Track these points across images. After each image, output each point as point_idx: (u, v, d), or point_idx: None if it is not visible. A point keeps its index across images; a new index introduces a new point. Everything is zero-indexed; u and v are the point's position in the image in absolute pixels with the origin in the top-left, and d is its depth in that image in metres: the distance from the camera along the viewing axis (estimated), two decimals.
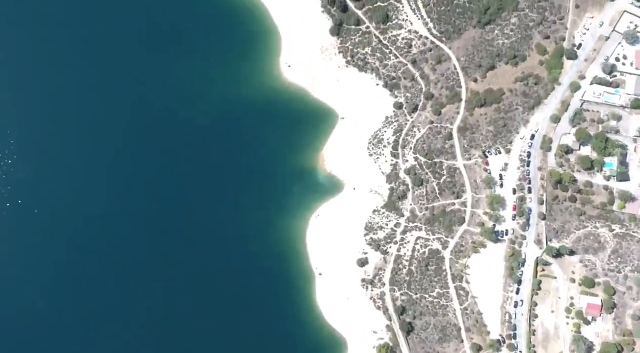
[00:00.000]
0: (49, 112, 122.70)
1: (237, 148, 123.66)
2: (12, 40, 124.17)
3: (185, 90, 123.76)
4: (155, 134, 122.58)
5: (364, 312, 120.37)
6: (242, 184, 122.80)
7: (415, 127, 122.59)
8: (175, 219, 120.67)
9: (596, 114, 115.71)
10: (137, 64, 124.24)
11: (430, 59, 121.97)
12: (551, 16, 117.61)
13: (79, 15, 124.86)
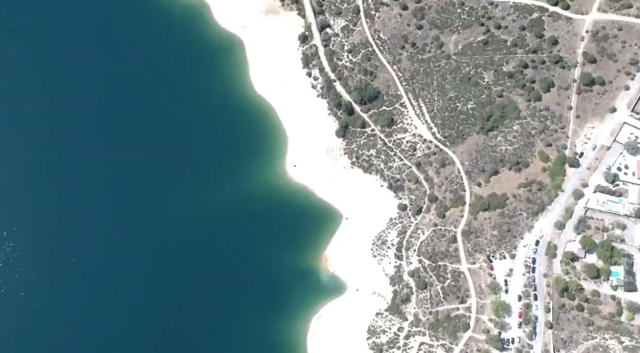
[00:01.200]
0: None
1: (238, 246, 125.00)
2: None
3: (188, 184, 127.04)
4: (155, 228, 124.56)
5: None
6: (242, 283, 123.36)
7: (419, 229, 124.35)
8: (170, 324, 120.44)
9: (600, 222, 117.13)
10: (147, 158, 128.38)
11: (434, 162, 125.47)
12: (552, 125, 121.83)
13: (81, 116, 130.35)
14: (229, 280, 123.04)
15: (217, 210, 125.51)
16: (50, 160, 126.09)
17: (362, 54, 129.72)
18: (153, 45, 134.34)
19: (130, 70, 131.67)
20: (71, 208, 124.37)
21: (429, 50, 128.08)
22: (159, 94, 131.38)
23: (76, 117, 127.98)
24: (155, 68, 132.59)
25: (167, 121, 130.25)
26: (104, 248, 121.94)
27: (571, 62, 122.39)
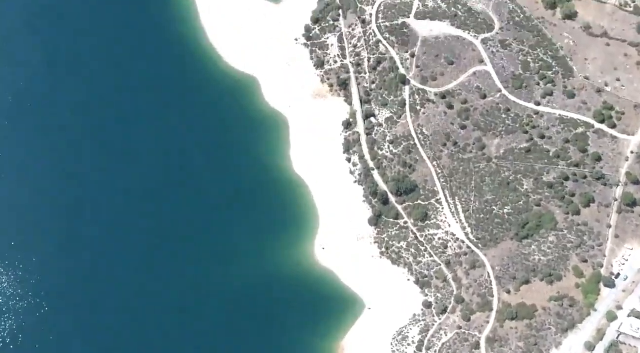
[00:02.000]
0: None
1: (255, 321, 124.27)
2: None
3: (217, 253, 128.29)
4: (177, 294, 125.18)
5: None
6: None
7: (442, 330, 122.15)
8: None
9: (633, 349, 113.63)
10: (180, 224, 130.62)
11: (465, 263, 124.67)
12: (589, 241, 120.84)
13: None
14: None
15: (240, 282, 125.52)
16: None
17: (404, 146, 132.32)
18: (200, 111, 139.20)
19: (175, 134, 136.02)
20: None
21: (471, 150, 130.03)
22: (198, 159, 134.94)
23: (120, 180, 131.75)
24: (198, 133, 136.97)
25: (201, 187, 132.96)
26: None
27: (613, 180, 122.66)
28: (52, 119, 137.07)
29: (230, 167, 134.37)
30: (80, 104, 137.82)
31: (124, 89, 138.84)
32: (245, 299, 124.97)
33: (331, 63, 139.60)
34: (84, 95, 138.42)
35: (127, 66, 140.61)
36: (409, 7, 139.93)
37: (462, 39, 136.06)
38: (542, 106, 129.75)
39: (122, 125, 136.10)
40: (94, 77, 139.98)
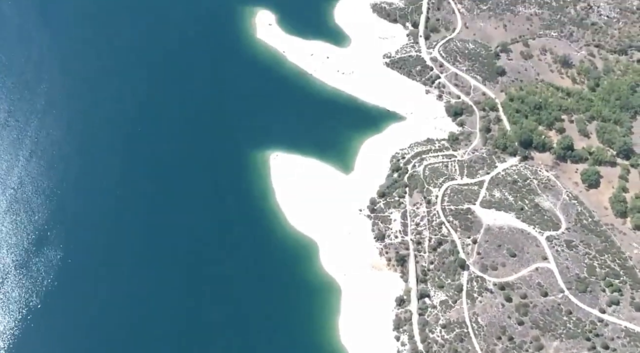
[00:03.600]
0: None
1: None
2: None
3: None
4: None
5: None
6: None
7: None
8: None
9: None
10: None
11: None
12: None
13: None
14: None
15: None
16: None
17: (456, 333, 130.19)
18: (257, 263, 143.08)
19: (227, 283, 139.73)
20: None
21: (527, 349, 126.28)
22: (244, 310, 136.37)
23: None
24: (250, 282, 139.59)
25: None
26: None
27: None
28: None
29: (278, 328, 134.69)
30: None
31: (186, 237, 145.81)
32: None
33: (392, 237, 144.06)
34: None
35: (195, 221, 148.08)
36: (475, 195, 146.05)
37: (526, 233, 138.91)
38: (607, 314, 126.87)
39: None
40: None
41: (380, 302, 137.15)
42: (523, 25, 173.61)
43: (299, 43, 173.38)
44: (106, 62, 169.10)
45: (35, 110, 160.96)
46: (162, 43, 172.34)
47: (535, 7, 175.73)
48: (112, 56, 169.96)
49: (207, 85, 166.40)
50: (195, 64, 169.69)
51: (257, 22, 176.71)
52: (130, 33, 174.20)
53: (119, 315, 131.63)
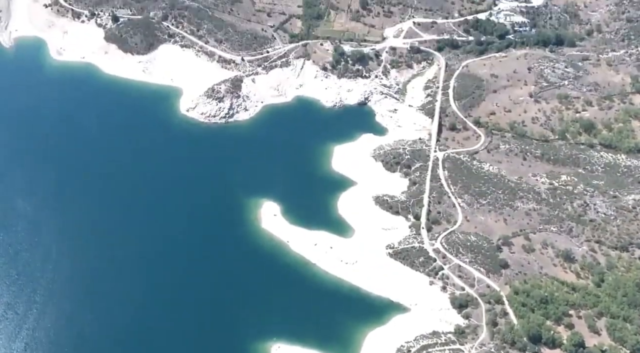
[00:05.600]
0: None
1: None
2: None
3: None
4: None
5: None
6: None
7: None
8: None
9: None
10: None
11: None
12: None
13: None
14: None
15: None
16: None
17: None
18: None
19: None
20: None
21: None
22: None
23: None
24: None
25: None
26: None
27: None
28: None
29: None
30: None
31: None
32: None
33: None
34: None
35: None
36: None
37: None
38: None
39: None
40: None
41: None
42: (523, 220, 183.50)
43: (303, 233, 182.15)
44: (116, 253, 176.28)
45: (35, 302, 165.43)
46: (167, 235, 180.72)
47: (533, 203, 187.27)
48: (122, 248, 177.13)
49: (212, 275, 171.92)
50: (202, 253, 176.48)
51: (263, 213, 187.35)
52: (136, 228, 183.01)
53: None
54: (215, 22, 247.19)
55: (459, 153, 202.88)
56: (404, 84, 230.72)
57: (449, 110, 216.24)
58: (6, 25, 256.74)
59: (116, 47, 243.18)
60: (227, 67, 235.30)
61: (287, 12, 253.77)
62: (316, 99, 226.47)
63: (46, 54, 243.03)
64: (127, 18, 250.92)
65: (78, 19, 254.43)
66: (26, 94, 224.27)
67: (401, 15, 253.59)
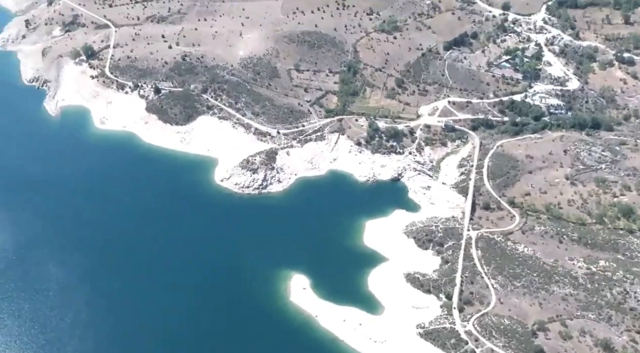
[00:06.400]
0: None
1: None
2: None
3: None
4: None
5: None
6: None
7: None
8: None
9: None
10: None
11: None
12: None
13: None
14: None
15: None
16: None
17: None
18: None
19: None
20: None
21: None
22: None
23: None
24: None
25: None
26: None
27: None
28: None
29: None
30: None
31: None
32: None
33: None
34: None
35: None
36: None
37: None
38: None
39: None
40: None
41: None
42: (559, 305, 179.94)
43: (332, 308, 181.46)
44: (145, 320, 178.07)
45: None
46: (196, 304, 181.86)
47: (570, 287, 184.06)
48: (151, 316, 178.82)
49: (239, 347, 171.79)
50: (229, 323, 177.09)
51: (292, 286, 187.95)
52: (167, 297, 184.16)
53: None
54: (253, 95, 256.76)
55: (492, 233, 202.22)
56: (438, 162, 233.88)
57: (483, 189, 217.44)
58: (54, 95, 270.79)
59: (156, 118, 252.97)
60: (263, 139, 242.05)
61: (323, 88, 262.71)
62: (350, 173, 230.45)
63: (90, 123, 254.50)
64: (169, 90, 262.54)
65: (122, 90, 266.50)
66: (67, 161, 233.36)
67: (436, 94, 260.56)
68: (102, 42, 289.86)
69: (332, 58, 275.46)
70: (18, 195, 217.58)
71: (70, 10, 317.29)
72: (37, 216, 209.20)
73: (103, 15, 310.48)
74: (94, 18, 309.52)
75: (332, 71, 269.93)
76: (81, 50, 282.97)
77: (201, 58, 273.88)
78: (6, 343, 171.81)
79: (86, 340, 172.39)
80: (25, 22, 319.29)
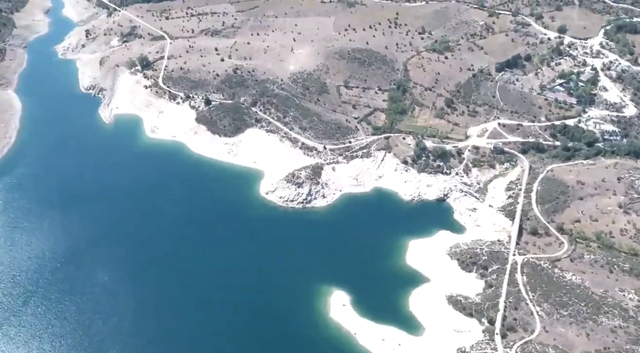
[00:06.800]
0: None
1: None
2: None
3: None
4: None
5: None
6: None
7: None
8: None
9: None
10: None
11: None
12: None
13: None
14: None
15: None
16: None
17: None
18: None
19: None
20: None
21: None
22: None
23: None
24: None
25: None
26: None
27: None
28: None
29: None
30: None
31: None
32: None
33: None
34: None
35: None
36: None
37: None
38: None
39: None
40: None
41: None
42: (607, 337, 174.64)
43: (372, 326, 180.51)
44: (187, 328, 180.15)
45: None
46: (237, 318, 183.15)
47: (619, 319, 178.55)
48: (193, 325, 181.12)
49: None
50: (268, 336, 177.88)
51: (332, 302, 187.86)
52: (210, 307, 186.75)
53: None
54: (302, 110, 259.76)
55: (539, 259, 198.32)
56: (485, 184, 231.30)
57: (531, 214, 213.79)
58: (109, 103, 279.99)
59: (206, 129, 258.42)
60: (309, 154, 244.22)
61: (372, 105, 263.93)
62: (395, 191, 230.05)
63: (141, 131, 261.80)
64: (219, 102, 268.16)
65: (174, 101, 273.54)
66: (118, 168, 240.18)
67: (486, 115, 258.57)
68: (157, 53, 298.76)
69: (382, 76, 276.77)
70: (71, 200, 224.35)
71: (128, 21, 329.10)
72: (88, 222, 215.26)
73: (159, 28, 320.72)
74: (150, 30, 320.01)
75: (381, 89, 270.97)
76: (137, 60, 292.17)
77: (252, 71, 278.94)
78: (51, 343, 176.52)
79: (128, 346, 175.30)
80: (86, 32, 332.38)
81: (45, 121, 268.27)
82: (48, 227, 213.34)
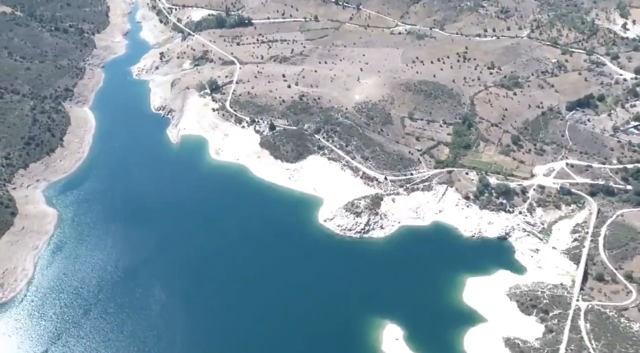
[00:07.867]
0: None
1: None
2: None
3: None
4: None
5: None
6: None
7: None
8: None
9: None
10: None
11: None
12: None
13: None
14: None
15: None
16: None
17: None
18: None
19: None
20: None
21: None
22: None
23: None
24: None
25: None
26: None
27: None
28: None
29: None
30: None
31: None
32: None
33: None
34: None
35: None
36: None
37: None
38: None
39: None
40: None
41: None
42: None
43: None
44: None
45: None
46: (287, 347, 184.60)
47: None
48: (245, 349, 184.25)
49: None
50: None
51: (385, 335, 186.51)
52: (260, 333, 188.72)
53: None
54: (365, 140, 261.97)
55: (604, 306, 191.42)
56: (550, 225, 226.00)
57: (597, 259, 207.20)
58: (177, 123, 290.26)
59: (268, 153, 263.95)
60: (370, 184, 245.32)
61: (436, 138, 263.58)
62: (454, 226, 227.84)
63: (206, 153, 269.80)
64: (283, 127, 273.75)
65: (239, 124, 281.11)
66: (182, 187, 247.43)
67: (554, 154, 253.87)
68: (226, 78, 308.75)
69: (448, 109, 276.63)
70: (134, 216, 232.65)
71: (201, 46, 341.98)
72: (150, 238, 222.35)
73: (230, 53, 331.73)
74: (221, 54, 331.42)
75: (446, 122, 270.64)
76: (206, 83, 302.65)
77: (317, 99, 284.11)
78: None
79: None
80: (160, 55, 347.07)
81: (116, 138, 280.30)
82: (112, 241, 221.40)
